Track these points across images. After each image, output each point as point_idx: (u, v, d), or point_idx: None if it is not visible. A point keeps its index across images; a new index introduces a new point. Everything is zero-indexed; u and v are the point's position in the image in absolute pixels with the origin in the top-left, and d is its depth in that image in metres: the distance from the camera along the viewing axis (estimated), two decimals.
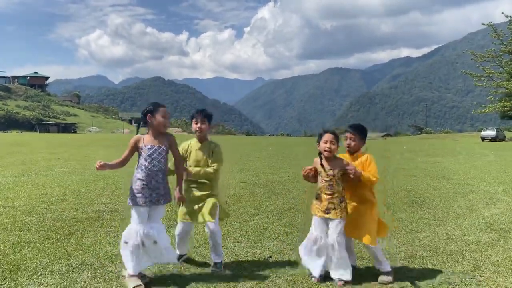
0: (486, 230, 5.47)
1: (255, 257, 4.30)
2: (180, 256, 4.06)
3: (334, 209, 3.66)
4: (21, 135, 55.67)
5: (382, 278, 3.69)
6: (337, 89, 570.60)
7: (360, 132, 3.83)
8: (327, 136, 3.68)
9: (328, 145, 3.65)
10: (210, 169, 3.91)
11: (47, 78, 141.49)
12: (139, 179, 3.59)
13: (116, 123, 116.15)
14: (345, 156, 3.85)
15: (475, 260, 4.24)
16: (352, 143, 3.82)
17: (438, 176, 11.58)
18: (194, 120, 4.00)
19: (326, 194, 3.70)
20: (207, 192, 3.94)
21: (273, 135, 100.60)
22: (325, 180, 3.70)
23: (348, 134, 3.84)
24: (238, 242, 4.79)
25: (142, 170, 3.60)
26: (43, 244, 4.56)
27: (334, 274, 3.65)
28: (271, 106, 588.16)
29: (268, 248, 4.56)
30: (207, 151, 3.98)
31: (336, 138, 3.70)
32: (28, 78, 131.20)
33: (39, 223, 5.47)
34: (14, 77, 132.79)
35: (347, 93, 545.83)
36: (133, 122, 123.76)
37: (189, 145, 4.06)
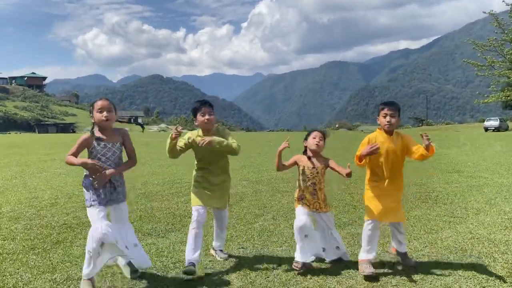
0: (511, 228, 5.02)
1: (262, 266, 3.85)
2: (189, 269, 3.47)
3: (321, 207, 3.79)
4: (19, 136, 55.16)
5: (407, 261, 3.75)
6: (336, 82, 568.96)
7: (399, 109, 3.65)
8: (316, 134, 3.81)
9: (317, 139, 3.75)
10: (234, 144, 3.76)
11: (45, 78, 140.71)
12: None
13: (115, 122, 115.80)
14: (379, 136, 3.66)
15: (509, 263, 3.79)
16: (393, 120, 3.57)
17: (448, 168, 11.13)
18: (200, 113, 3.77)
19: (310, 195, 3.75)
20: (222, 178, 3.90)
21: (273, 131, 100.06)
22: (308, 178, 3.75)
23: (387, 111, 3.59)
24: (243, 248, 4.34)
25: None
26: (27, 256, 4.11)
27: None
28: (271, 101, 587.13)
29: (277, 255, 4.11)
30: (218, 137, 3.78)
31: (324, 137, 3.80)
32: (26, 78, 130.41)
33: (26, 231, 5.03)
34: (11, 78, 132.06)
35: (347, 86, 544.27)
36: (131, 121, 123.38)
37: (196, 137, 3.84)
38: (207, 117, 3.75)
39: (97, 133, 3.42)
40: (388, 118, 3.55)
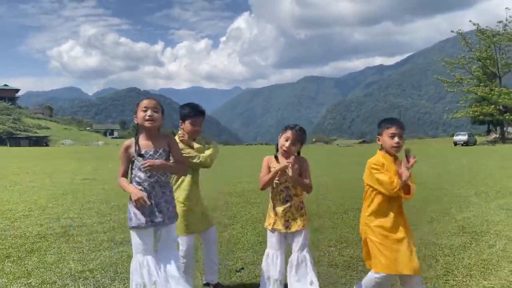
0: (459, 234, 5.49)
1: (226, 268, 4.16)
2: None
3: (294, 219, 3.17)
4: None
5: None
6: (314, 97, 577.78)
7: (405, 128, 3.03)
8: (289, 133, 3.14)
9: (288, 143, 3.13)
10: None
11: (17, 90, 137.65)
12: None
13: (90, 135, 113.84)
14: (384, 160, 2.95)
15: (448, 264, 4.23)
16: (401, 142, 2.95)
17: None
18: (191, 121, 3.46)
19: (281, 202, 3.19)
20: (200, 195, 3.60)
21: (251, 144, 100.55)
22: (279, 182, 3.17)
23: (395, 130, 2.94)
24: None
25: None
26: (2, 263, 4.29)
27: None
28: (249, 114, 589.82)
29: (241, 259, 4.43)
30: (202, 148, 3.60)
31: (300, 139, 3.17)
32: None
33: (0, 241, 5.18)
34: None
35: (324, 101, 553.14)
36: (107, 134, 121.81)
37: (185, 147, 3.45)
38: (197, 128, 3.51)
39: (141, 140, 2.93)
40: (396, 139, 2.92)
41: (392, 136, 2.93)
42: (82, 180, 12.40)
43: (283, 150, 3.17)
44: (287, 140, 3.14)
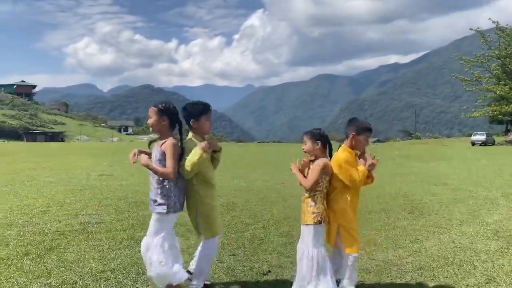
0: (493, 238, 5.21)
1: (253, 271, 3.97)
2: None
3: (303, 213, 3.33)
4: (6, 144, 54.58)
5: None
6: (327, 95, 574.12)
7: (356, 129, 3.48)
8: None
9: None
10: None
11: (34, 86, 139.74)
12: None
13: (105, 131, 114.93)
14: (352, 157, 3.40)
15: (488, 271, 3.97)
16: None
17: (434, 181, 11.37)
18: (205, 116, 3.42)
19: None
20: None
21: (264, 142, 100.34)
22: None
23: (370, 135, 3.51)
24: (234, 255, 4.46)
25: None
26: (22, 261, 4.18)
27: None
28: (262, 112, 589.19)
29: (266, 261, 4.24)
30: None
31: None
32: (15, 86, 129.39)
33: (19, 237, 5.08)
34: (0, 86, 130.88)
35: (337, 99, 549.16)
36: (122, 131, 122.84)
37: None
38: (210, 124, 3.47)
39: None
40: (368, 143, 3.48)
41: (367, 140, 3.43)
42: (98, 176, 12.36)
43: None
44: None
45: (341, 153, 3.37)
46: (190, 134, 3.45)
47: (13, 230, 5.45)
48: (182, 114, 3.43)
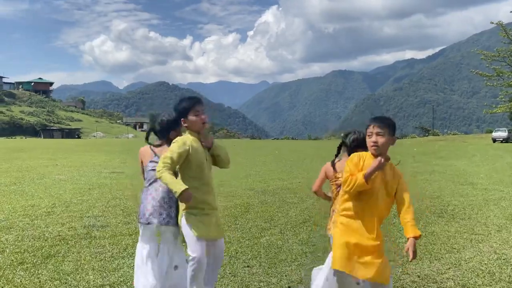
0: None
1: (270, 287, 3.49)
2: None
3: None
4: (24, 141, 55.22)
5: None
6: (341, 91, 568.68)
7: (389, 126, 2.63)
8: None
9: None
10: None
11: (51, 83, 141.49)
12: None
13: (121, 128, 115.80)
14: (369, 159, 2.65)
15: None
16: (381, 140, 2.60)
17: (460, 180, 10.73)
18: (194, 112, 2.97)
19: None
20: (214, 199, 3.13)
21: (278, 139, 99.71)
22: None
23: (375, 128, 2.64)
24: (248, 266, 3.98)
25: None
26: (14, 271, 3.78)
27: None
28: (276, 109, 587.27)
29: (286, 275, 3.75)
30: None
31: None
32: (33, 83, 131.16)
33: (17, 243, 4.71)
34: (18, 83, 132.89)
35: (351, 95, 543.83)
36: (137, 127, 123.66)
37: (190, 144, 2.96)
38: (203, 116, 3.01)
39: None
40: (374, 138, 2.63)
41: (370, 135, 2.66)
42: (109, 173, 12.04)
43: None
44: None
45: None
46: (187, 132, 3.06)
47: (12, 234, 5.09)
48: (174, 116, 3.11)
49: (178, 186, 2.74)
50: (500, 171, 13.03)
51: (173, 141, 2.98)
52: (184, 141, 2.94)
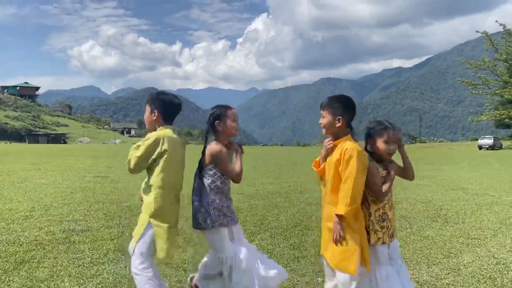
0: None
1: None
2: None
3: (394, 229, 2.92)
4: (8, 146, 54.06)
5: None
6: None
7: (330, 105, 2.85)
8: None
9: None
10: None
11: (37, 88, 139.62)
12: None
13: (108, 133, 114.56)
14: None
15: None
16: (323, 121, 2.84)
17: (451, 185, 10.64)
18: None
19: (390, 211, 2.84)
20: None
21: (266, 145, 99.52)
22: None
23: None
24: None
25: None
26: None
27: None
28: (265, 116, 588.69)
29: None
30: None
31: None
32: (18, 88, 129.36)
33: None
34: (3, 87, 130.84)
35: None
36: (125, 133, 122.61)
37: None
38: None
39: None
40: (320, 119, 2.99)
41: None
42: (94, 177, 11.69)
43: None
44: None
45: None
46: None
47: None
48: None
49: None
50: (489, 177, 13.01)
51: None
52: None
